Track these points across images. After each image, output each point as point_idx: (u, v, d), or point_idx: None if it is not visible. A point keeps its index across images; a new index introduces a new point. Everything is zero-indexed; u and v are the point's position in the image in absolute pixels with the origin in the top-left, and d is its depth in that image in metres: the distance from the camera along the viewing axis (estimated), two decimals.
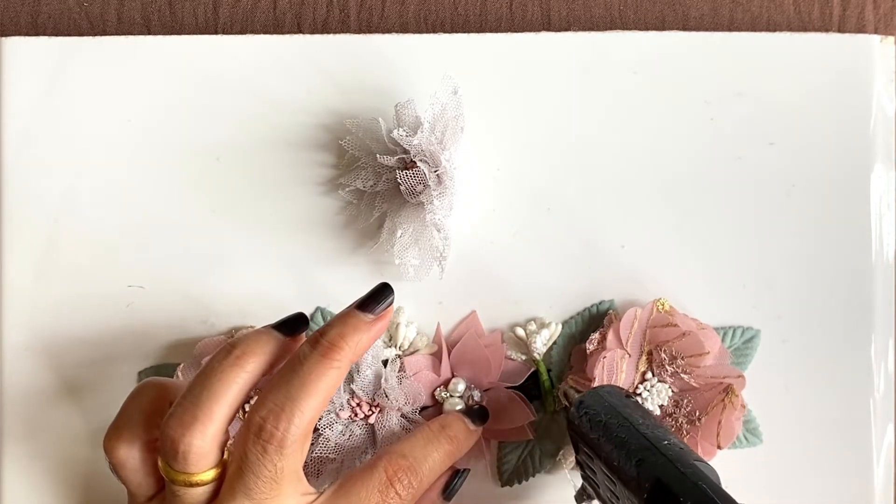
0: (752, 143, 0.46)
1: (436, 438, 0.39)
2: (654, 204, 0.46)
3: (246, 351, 0.36)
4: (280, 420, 0.34)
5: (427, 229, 0.44)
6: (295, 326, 0.38)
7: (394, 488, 0.37)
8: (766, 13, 0.48)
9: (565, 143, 0.46)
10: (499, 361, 0.45)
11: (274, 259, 0.46)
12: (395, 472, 0.37)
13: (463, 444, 0.40)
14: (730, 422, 0.42)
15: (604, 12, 0.48)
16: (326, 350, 0.35)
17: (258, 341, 0.36)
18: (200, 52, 0.46)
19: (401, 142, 0.43)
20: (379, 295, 0.38)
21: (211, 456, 0.35)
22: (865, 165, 0.46)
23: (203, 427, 0.34)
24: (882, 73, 0.46)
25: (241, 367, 0.35)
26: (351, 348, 0.36)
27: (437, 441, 0.39)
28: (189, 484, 0.35)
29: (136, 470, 0.36)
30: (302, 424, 0.34)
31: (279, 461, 0.34)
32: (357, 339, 0.36)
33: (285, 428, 0.34)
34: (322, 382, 0.35)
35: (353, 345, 0.36)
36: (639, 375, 0.44)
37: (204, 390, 0.35)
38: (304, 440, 0.35)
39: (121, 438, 0.36)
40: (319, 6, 0.48)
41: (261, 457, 0.34)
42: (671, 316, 0.43)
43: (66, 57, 0.46)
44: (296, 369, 0.35)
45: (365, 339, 0.37)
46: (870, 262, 0.46)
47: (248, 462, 0.34)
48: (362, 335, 0.36)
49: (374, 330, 0.37)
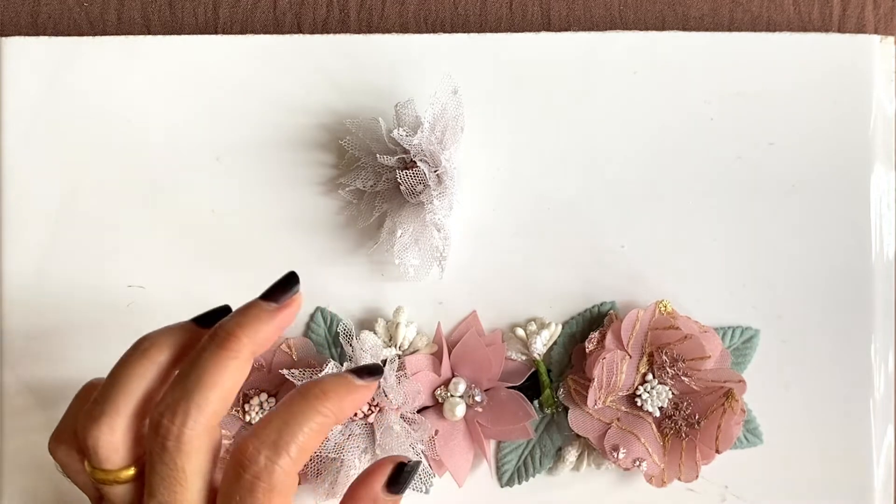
0: (752, 143, 0.46)
1: (300, 403, 0.34)
2: (654, 204, 0.46)
3: (154, 343, 0.35)
4: (176, 415, 0.32)
5: (427, 229, 0.44)
6: (214, 318, 0.36)
7: (248, 472, 0.32)
8: (766, 13, 0.48)
9: (565, 143, 0.46)
10: (499, 361, 0.45)
11: (274, 259, 0.46)
12: (244, 456, 0.33)
13: (344, 401, 0.34)
14: (729, 426, 0.42)
15: (604, 12, 0.48)
16: (223, 340, 0.34)
17: (167, 332, 0.35)
18: (200, 52, 0.46)
19: (401, 142, 0.43)
20: (284, 284, 0.36)
21: (122, 451, 0.34)
22: (865, 165, 0.46)
23: (109, 420, 0.33)
24: (882, 73, 0.46)
25: (146, 359, 0.34)
26: (250, 338, 0.34)
27: (302, 406, 0.34)
28: (109, 482, 0.34)
29: (79, 471, 0.36)
30: (200, 419, 0.33)
31: (179, 459, 0.32)
32: (257, 329, 0.34)
33: (181, 422, 0.32)
34: (220, 374, 0.33)
35: (251, 334, 0.34)
36: (639, 377, 0.44)
37: (110, 384, 0.34)
38: (208, 437, 0.33)
39: (60, 440, 0.36)
40: (319, 6, 0.48)
41: (160, 455, 0.33)
42: (673, 318, 0.43)
43: (66, 57, 0.46)
44: (194, 362, 0.34)
45: (266, 329, 0.34)
46: (870, 262, 0.46)
47: (151, 461, 0.33)
48: (262, 325, 0.34)
49: (277, 319, 0.35)
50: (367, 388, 0.35)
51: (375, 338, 0.45)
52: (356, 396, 0.34)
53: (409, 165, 0.43)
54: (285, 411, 0.33)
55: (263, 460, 0.32)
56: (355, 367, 0.36)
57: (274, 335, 0.35)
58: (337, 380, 0.34)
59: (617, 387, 0.44)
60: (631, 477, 0.45)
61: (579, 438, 0.45)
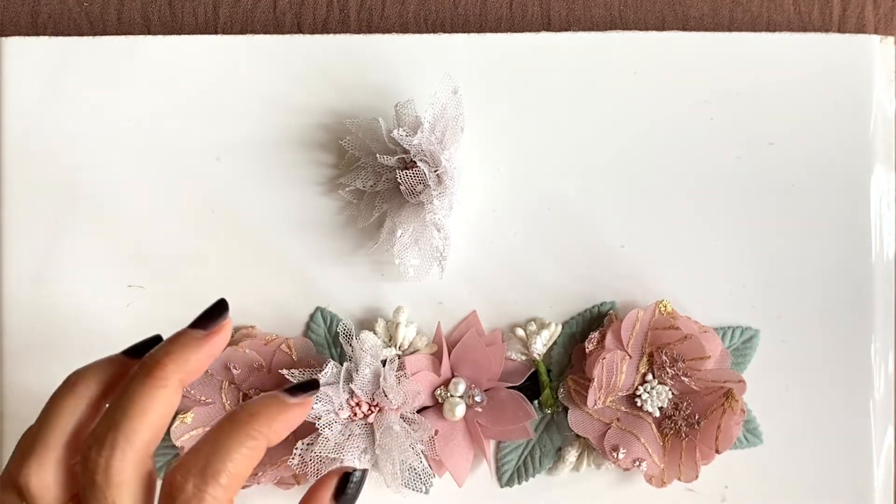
0: (752, 143, 0.46)
1: (228, 428, 0.33)
2: (654, 204, 0.46)
3: (81, 377, 0.35)
4: (103, 447, 0.32)
5: (427, 229, 0.44)
6: (145, 349, 0.36)
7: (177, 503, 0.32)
8: (766, 13, 0.48)
9: (565, 143, 0.46)
10: (499, 361, 0.45)
11: (274, 259, 0.46)
12: (172, 486, 0.32)
13: (275, 422, 0.34)
14: (729, 426, 0.42)
15: (604, 12, 0.48)
16: (151, 369, 0.33)
17: (94, 366, 0.35)
18: (200, 52, 0.46)
19: (401, 142, 0.43)
20: (212, 312, 0.36)
21: (54, 488, 0.33)
22: (865, 165, 0.46)
23: (38, 458, 0.33)
24: (882, 73, 0.46)
25: (73, 394, 0.34)
26: (178, 365, 0.33)
27: (230, 431, 0.33)
28: None
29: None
30: (129, 450, 0.32)
31: (109, 493, 0.31)
32: (185, 357, 0.34)
33: (109, 455, 0.32)
34: (148, 404, 0.33)
35: (180, 362, 0.34)
36: (639, 377, 0.44)
37: (40, 422, 0.34)
38: (139, 468, 0.32)
39: (2, 483, 0.34)
40: (319, 6, 0.48)
41: (91, 489, 0.32)
42: (673, 318, 0.43)
43: (66, 57, 0.46)
44: (122, 394, 0.33)
45: (195, 356, 0.34)
46: (869, 262, 0.46)
47: (83, 497, 0.32)
48: (191, 352, 0.34)
49: (206, 347, 0.35)
50: (301, 405, 0.35)
51: (375, 338, 0.45)
52: (289, 416, 0.34)
53: (409, 165, 0.43)
54: (213, 438, 0.33)
55: (191, 489, 0.31)
56: (289, 385, 0.36)
57: (204, 362, 0.35)
58: (267, 400, 0.34)
59: (617, 387, 0.44)
60: (631, 477, 0.45)
61: (579, 438, 0.45)
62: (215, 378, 0.45)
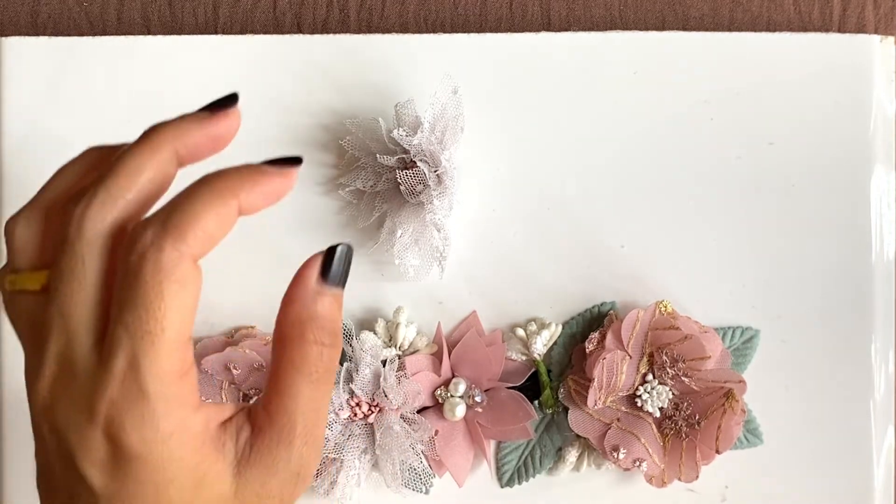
0: (752, 143, 0.46)
1: (198, 186, 0.31)
2: (654, 204, 0.46)
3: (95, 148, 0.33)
4: (81, 200, 0.29)
5: (427, 229, 0.44)
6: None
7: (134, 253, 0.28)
8: (766, 13, 0.48)
9: (565, 143, 0.46)
10: (499, 361, 0.45)
11: (274, 259, 0.46)
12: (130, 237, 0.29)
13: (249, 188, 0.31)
14: (729, 426, 0.42)
15: (604, 12, 0.48)
16: (146, 134, 0.31)
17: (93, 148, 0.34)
18: (200, 52, 0.46)
19: (401, 142, 0.43)
20: (220, 99, 0.33)
21: (31, 249, 0.31)
22: (865, 165, 0.46)
23: (29, 209, 0.31)
24: (882, 73, 0.46)
25: (83, 156, 0.33)
26: (174, 135, 0.31)
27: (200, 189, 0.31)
28: (16, 290, 0.30)
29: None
30: (108, 204, 0.29)
31: (79, 247, 0.29)
32: (184, 130, 0.32)
33: (85, 206, 0.29)
34: (136, 162, 0.30)
35: (177, 133, 0.31)
36: (639, 377, 0.44)
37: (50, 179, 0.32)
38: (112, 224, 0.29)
39: None
40: (319, 6, 0.48)
41: (62, 246, 0.29)
42: (673, 318, 0.43)
43: (65, 57, 0.46)
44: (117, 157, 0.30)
45: (195, 132, 0.32)
46: (870, 262, 0.46)
47: (57, 255, 0.29)
48: (191, 127, 0.32)
49: (209, 126, 0.32)
50: (280, 175, 0.32)
51: (375, 338, 0.45)
52: (265, 184, 0.31)
53: (409, 165, 0.43)
54: (180, 196, 0.30)
55: (150, 237, 0.28)
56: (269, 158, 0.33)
57: (204, 143, 0.32)
58: (241, 166, 0.31)
59: (617, 387, 0.44)
60: (631, 477, 0.45)
61: (579, 439, 0.45)
62: (215, 378, 0.45)
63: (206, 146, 0.32)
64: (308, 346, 0.31)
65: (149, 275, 0.28)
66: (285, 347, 0.31)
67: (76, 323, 0.29)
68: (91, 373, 0.29)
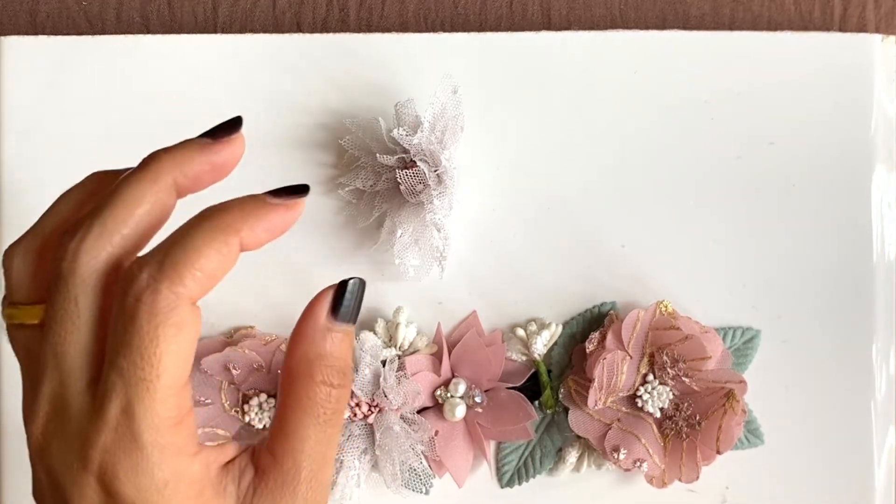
0: (752, 143, 0.46)
1: (198, 221, 0.30)
2: (654, 204, 0.46)
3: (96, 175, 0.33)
4: (75, 234, 0.28)
5: (427, 229, 0.43)
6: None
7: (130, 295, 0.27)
8: (767, 12, 0.48)
9: (565, 142, 0.46)
10: (499, 361, 0.45)
11: (273, 259, 0.46)
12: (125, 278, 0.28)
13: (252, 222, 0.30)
14: (730, 427, 0.42)
15: (604, 12, 0.48)
16: (145, 163, 0.30)
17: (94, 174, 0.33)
18: (199, 52, 0.46)
19: (401, 141, 0.43)
20: (223, 125, 0.32)
21: (27, 282, 0.30)
22: (866, 165, 0.45)
23: (25, 241, 0.30)
24: (883, 72, 0.45)
25: (85, 183, 0.32)
26: (174, 163, 0.30)
27: (200, 224, 0.29)
28: (15, 324, 0.29)
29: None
30: (103, 237, 0.28)
31: (72, 285, 0.28)
32: (185, 157, 0.30)
33: (79, 239, 0.28)
34: (133, 194, 0.29)
35: (178, 161, 0.30)
36: (640, 377, 0.44)
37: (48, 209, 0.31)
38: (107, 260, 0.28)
39: None
40: (319, 5, 0.48)
41: (55, 283, 0.28)
42: (674, 319, 0.43)
43: (64, 56, 0.46)
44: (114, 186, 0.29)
45: (196, 159, 0.30)
46: (871, 262, 0.45)
47: (49, 292, 0.28)
48: (192, 154, 0.30)
49: (210, 153, 0.31)
50: (286, 207, 0.30)
51: (375, 338, 0.45)
52: (269, 216, 0.30)
53: (408, 165, 0.43)
54: (179, 232, 0.29)
55: (146, 278, 0.27)
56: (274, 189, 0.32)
57: (205, 171, 0.31)
58: (244, 198, 0.30)
59: (617, 387, 0.44)
60: (631, 478, 0.45)
61: (580, 439, 0.45)
62: (214, 379, 0.45)
63: (208, 175, 0.31)
64: (316, 387, 0.30)
65: (144, 319, 0.27)
66: (293, 386, 0.30)
67: (70, 365, 0.28)
68: (84, 417, 0.28)
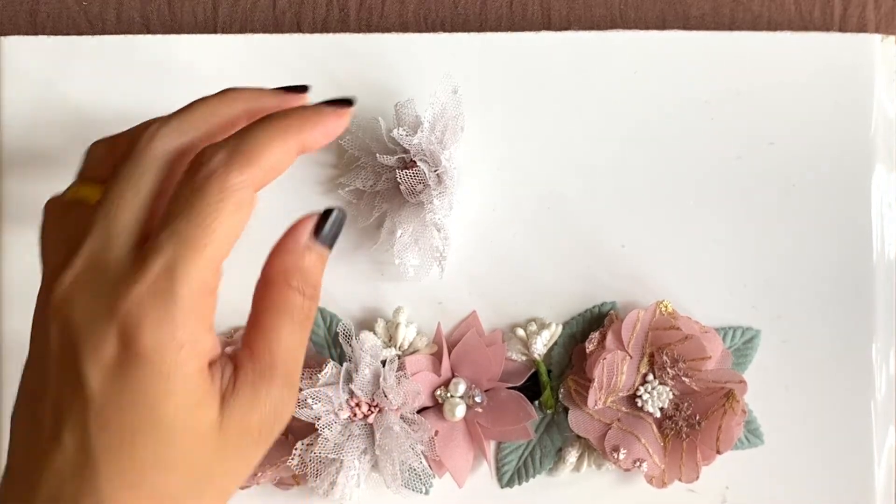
0: (752, 143, 0.46)
1: (264, 123, 0.33)
2: (654, 204, 0.46)
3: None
4: (146, 128, 0.32)
5: (427, 229, 0.43)
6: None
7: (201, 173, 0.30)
8: (767, 12, 0.48)
9: (565, 142, 0.46)
10: (500, 361, 0.45)
11: None
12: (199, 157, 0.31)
13: (308, 126, 0.33)
14: (730, 427, 0.42)
15: (604, 12, 0.48)
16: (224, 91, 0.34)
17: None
18: (200, 52, 0.46)
19: (401, 141, 0.43)
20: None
21: (100, 162, 0.33)
22: (866, 165, 0.45)
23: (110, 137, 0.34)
24: (883, 72, 0.45)
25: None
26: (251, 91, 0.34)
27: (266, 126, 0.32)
28: (70, 201, 0.33)
29: None
30: (180, 128, 0.32)
31: (143, 161, 0.31)
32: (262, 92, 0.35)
33: (158, 125, 0.32)
34: (209, 101, 0.33)
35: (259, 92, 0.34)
36: (639, 377, 0.44)
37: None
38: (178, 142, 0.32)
39: None
40: (319, 5, 0.48)
41: (125, 159, 0.31)
42: (674, 319, 0.43)
43: (64, 56, 0.46)
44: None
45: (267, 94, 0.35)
46: (871, 262, 0.45)
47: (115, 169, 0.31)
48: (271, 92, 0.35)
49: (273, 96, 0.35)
50: (336, 114, 0.34)
51: (375, 338, 0.45)
52: (325, 122, 0.33)
53: (408, 165, 0.43)
54: (248, 128, 0.32)
55: (220, 159, 0.30)
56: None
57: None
58: (302, 107, 0.34)
59: (617, 387, 0.44)
60: (631, 478, 0.45)
61: (580, 439, 0.45)
62: None
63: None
64: (291, 292, 0.32)
65: (213, 192, 0.29)
66: (269, 291, 0.32)
67: (120, 226, 0.30)
68: (122, 272, 0.29)
